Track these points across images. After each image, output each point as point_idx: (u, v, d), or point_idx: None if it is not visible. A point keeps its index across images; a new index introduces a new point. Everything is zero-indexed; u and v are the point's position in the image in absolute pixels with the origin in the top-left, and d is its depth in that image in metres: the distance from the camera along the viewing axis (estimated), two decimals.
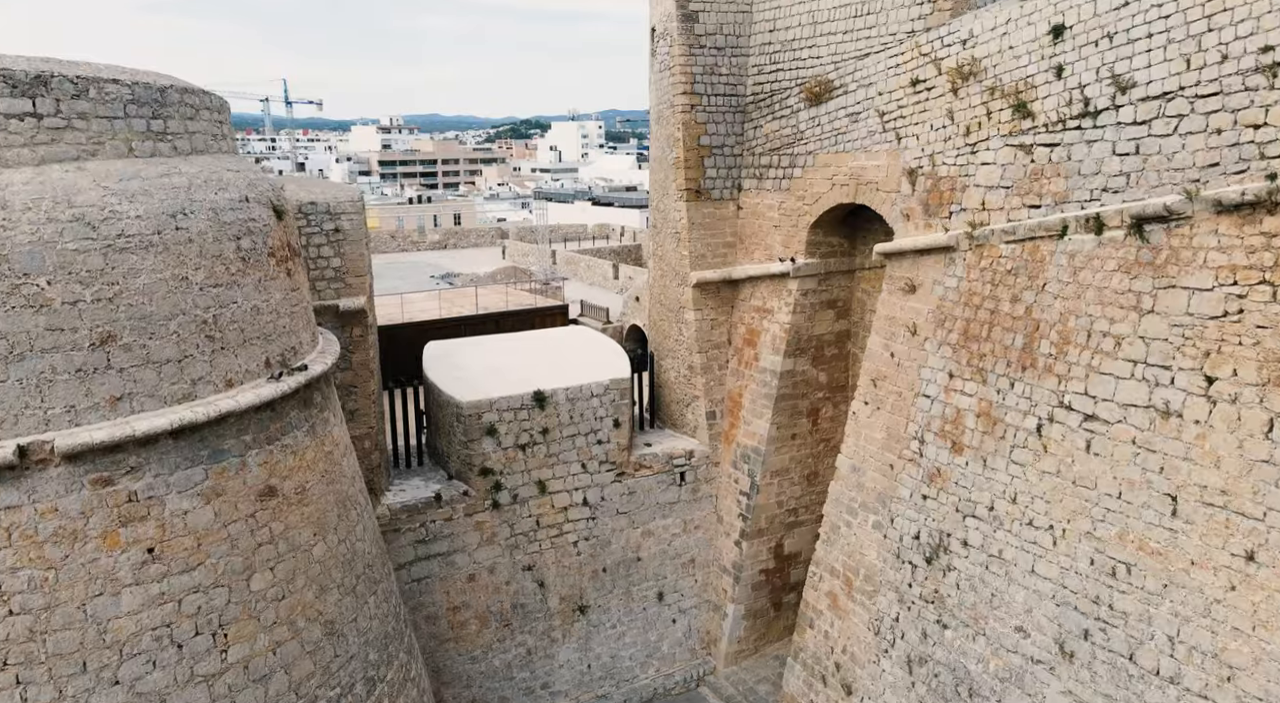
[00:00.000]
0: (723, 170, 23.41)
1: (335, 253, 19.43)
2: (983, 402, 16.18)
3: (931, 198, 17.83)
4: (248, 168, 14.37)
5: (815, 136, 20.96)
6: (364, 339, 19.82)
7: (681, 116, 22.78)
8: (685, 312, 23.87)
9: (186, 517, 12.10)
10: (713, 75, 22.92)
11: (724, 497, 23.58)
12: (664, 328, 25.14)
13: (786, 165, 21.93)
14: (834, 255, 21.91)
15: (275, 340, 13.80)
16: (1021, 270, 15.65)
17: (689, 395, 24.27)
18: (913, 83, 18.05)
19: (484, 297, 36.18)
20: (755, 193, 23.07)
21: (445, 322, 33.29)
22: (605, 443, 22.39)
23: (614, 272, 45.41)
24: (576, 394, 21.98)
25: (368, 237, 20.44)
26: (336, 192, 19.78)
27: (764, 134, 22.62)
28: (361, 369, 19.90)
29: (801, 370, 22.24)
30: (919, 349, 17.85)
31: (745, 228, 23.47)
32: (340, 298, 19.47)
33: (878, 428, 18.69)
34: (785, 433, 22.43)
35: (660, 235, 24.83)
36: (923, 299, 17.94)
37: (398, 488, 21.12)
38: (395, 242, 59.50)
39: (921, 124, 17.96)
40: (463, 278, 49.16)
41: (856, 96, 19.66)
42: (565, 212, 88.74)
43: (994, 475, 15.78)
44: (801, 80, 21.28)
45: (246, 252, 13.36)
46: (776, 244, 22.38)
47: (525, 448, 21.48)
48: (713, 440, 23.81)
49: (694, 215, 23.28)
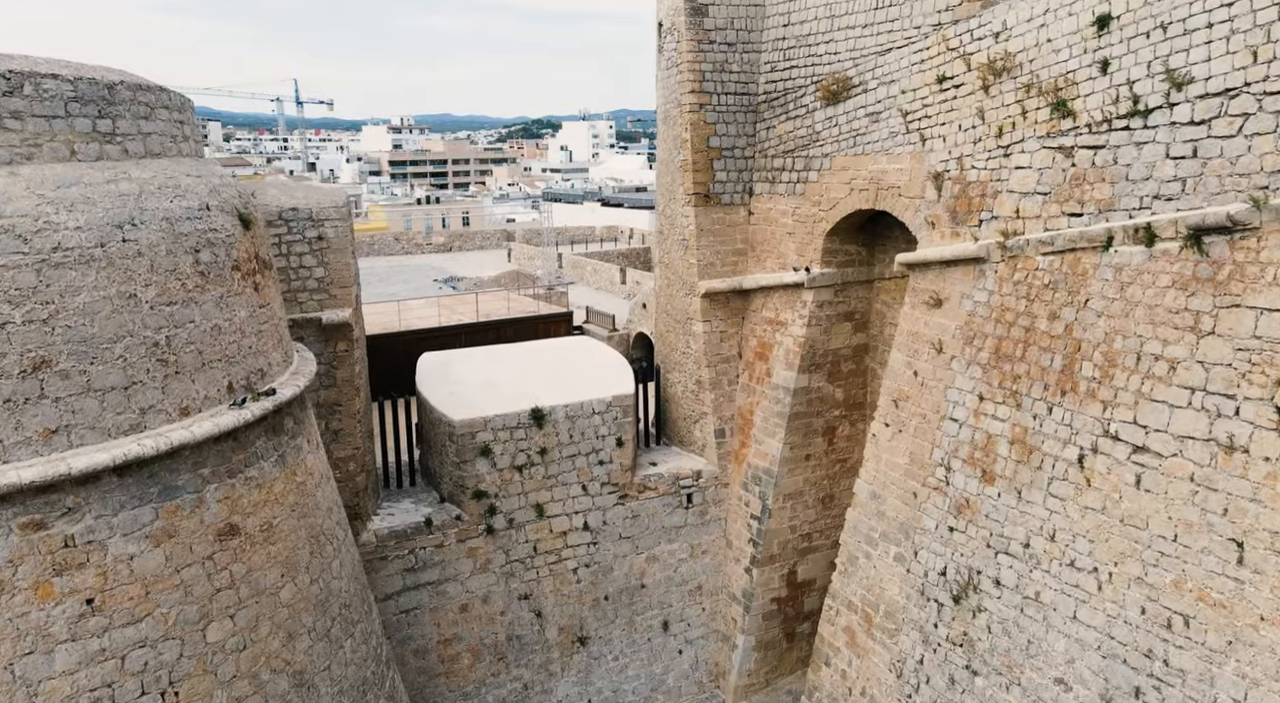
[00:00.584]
0: (733, 174, 22.07)
1: (318, 262, 18.20)
2: (1017, 428, 14.79)
3: (959, 204, 16.45)
4: (212, 172, 13.13)
5: (832, 138, 19.60)
6: (349, 354, 18.58)
7: (689, 117, 21.46)
8: (693, 323, 22.54)
9: (133, 562, 10.85)
10: (723, 73, 21.59)
11: (733, 520, 22.23)
12: (670, 340, 23.83)
13: (801, 168, 20.58)
14: (852, 265, 20.53)
15: (239, 362, 12.55)
16: (1061, 285, 14.26)
17: (697, 412, 22.94)
18: (939, 80, 16.68)
19: (485, 303, 34.93)
20: (768, 198, 21.72)
21: (444, 330, 32.05)
22: (607, 463, 21.08)
23: (621, 276, 44.13)
24: (577, 412, 20.68)
25: (353, 244, 19.20)
26: (320, 196, 18.55)
27: (777, 135, 21.28)
28: (346, 386, 18.65)
29: (816, 387, 20.87)
30: (945, 368, 16.47)
31: (757, 235, 22.13)
32: (323, 310, 18.24)
33: (900, 452, 17.31)
34: (799, 453, 21.07)
35: (667, 242, 23.52)
36: (949, 314, 16.56)
37: (386, 512, 19.86)
38: (400, 244, 58.38)
39: (949, 124, 16.58)
40: (467, 282, 47.95)
41: (877, 95, 18.29)
42: (574, 213, 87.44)
43: (1030, 509, 14.38)
44: (818, 78, 19.92)
45: (206, 265, 12.11)
46: (790, 252, 21.03)
47: (522, 469, 20.19)
48: (722, 460, 22.46)
49: (702, 221, 21.95)
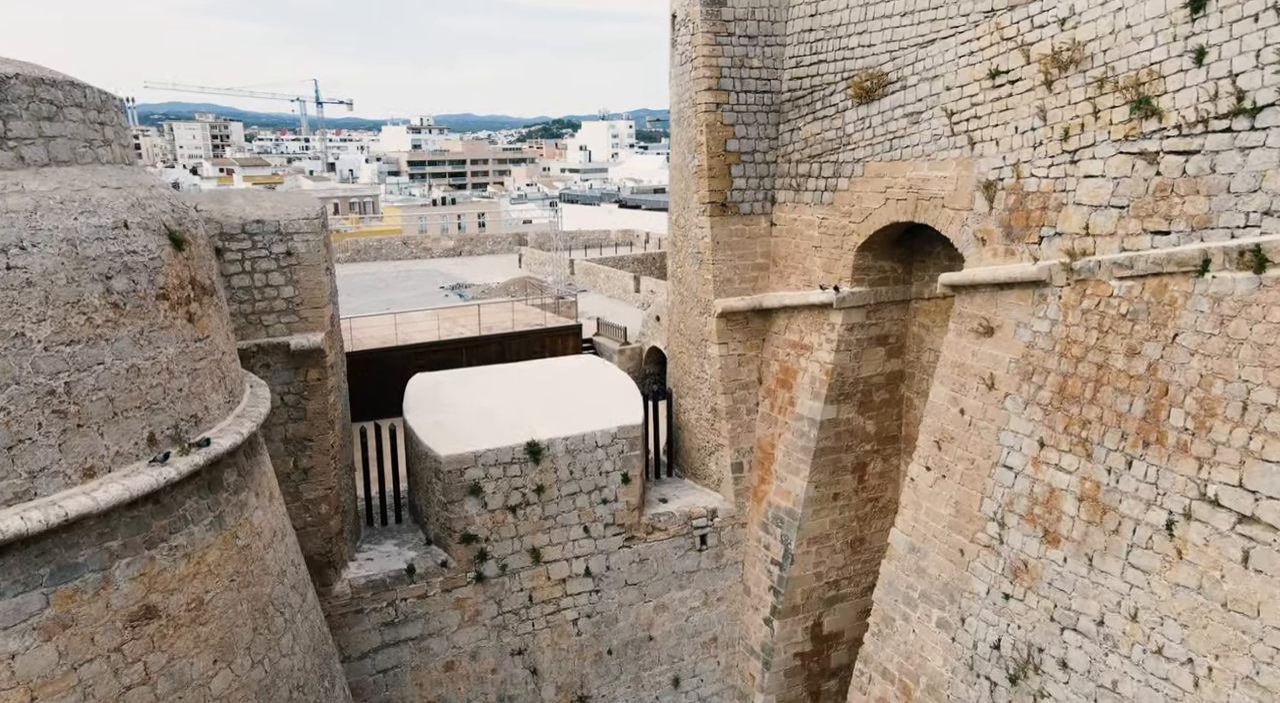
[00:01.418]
0: (753, 180, 19.93)
1: (287, 280, 16.25)
2: (1087, 482, 12.56)
3: (1015, 218, 14.23)
4: (138, 183, 11.16)
5: (865, 141, 17.42)
6: (321, 383, 16.61)
7: (705, 117, 19.35)
8: (708, 345, 20.41)
9: (14, 662, 8.87)
10: (742, 68, 19.45)
11: (752, 565, 20.08)
12: (684, 362, 21.71)
13: (830, 175, 18.41)
14: (886, 283, 18.34)
15: (165, 409, 10.57)
16: (1142, 315, 12.02)
17: (712, 443, 20.81)
18: (991, 75, 14.47)
19: (489, 314, 32.96)
20: (792, 207, 19.56)
21: (443, 345, 30.11)
22: (612, 502, 19.00)
23: (635, 284, 42.02)
24: (578, 445, 18.61)
25: (329, 259, 17.23)
26: (291, 206, 16.60)
27: (803, 138, 19.12)
28: (318, 419, 16.68)
29: (846, 419, 18.69)
30: (998, 407, 14.26)
31: (779, 248, 19.97)
32: (292, 334, 16.28)
33: (943, 501, 15.11)
34: (826, 492, 18.89)
35: (680, 254, 21.40)
36: (1003, 345, 14.34)
37: (364, 557, 17.87)
38: (408, 248, 56.58)
39: (1003, 126, 14.37)
40: (474, 289, 46.02)
41: (918, 92, 16.10)
42: (589, 215, 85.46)
43: (1104, 580, 12.15)
44: (849, 73, 17.75)
45: (122, 295, 10.13)
46: (816, 268, 18.87)
47: (516, 509, 18.15)
48: (739, 497, 20.32)
49: (719, 233, 19.83)
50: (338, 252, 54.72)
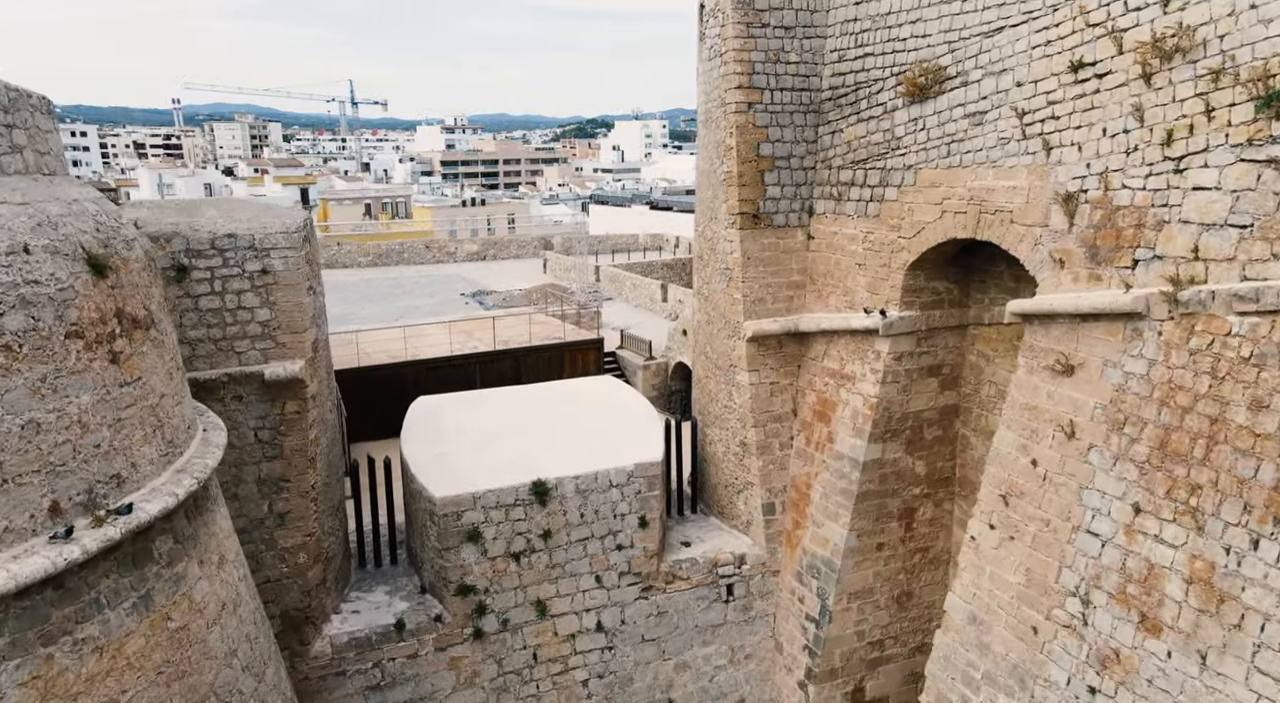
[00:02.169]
0: (789, 189, 17.82)
1: (262, 302, 14.47)
2: (1198, 561, 10.32)
3: (1102, 237, 12.00)
4: (53, 196, 9.36)
5: (918, 145, 15.25)
6: (301, 417, 14.80)
7: (735, 118, 17.28)
8: (737, 372, 18.33)
9: None
10: (778, 64, 17.36)
11: (785, 619, 17.96)
12: (710, 388, 19.64)
13: (876, 184, 16.25)
14: (939, 306, 16.14)
15: (75, 470, 8.75)
16: (1271, 360, 9.78)
17: (740, 480, 18.72)
18: (1073, 67, 12.26)
19: (506, 327, 31.10)
20: (832, 219, 17.42)
21: (455, 360, 28.31)
22: (627, 549, 17.00)
23: (662, 293, 39.97)
24: (590, 484, 16.63)
25: (313, 278, 15.41)
26: (269, 220, 14.81)
27: (845, 141, 16.97)
28: (297, 457, 14.87)
29: (892, 459, 16.51)
30: (1079, 461, 12.03)
31: (818, 264, 17.84)
32: (268, 362, 14.51)
33: (1012, 567, 12.90)
34: (869, 542, 16.73)
35: (707, 270, 19.34)
36: (1086, 387, 12.11)
37: (350, 609, 16.04)
38: (431, 252, 55.00)
39: (1087, 127, 12.15)
40: (496, 296, 44.29)
41: (981, 89, 13.91)
42: (619, 217, 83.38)
43: (1224, 685, 9.91)
44: (900, 68, 15.59)
45: (16, 335, 8.32)
46: (860, 288, 16.72)
47: (520, 557, 16.22)
48: (770, 542, 18.22)
49: (750, 247, 17.74)
50: (358, 255, 53.29)
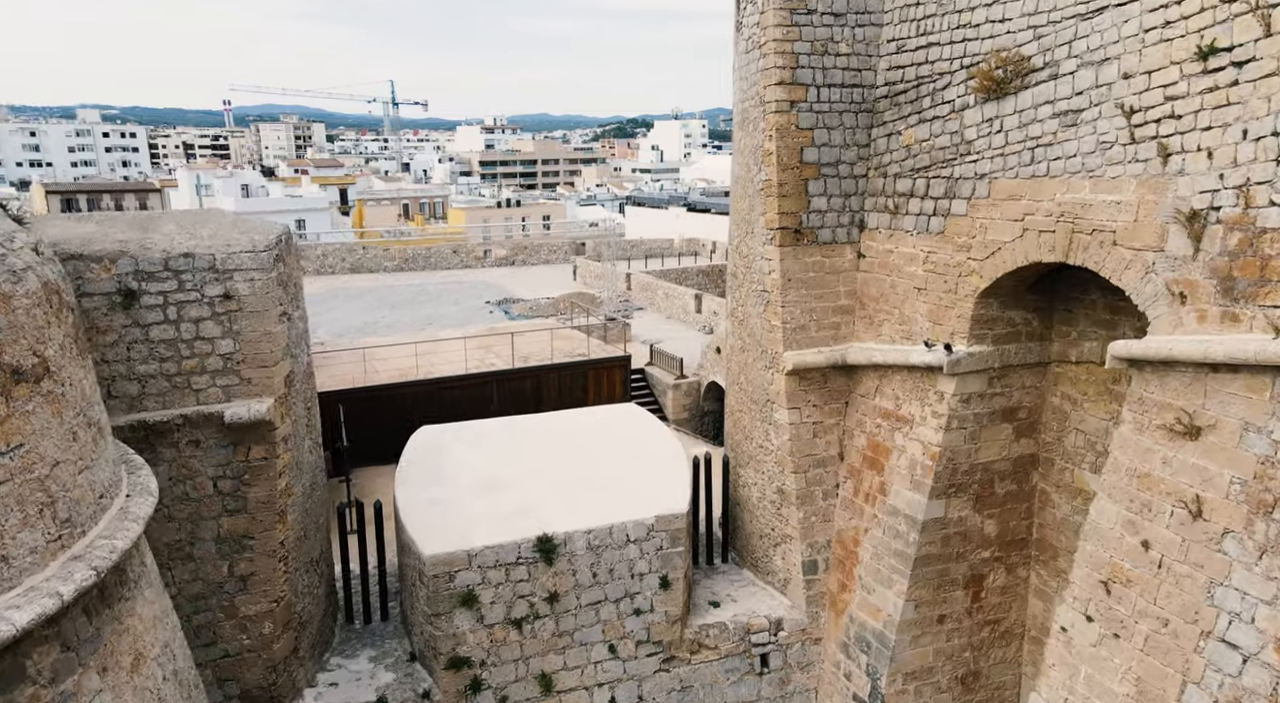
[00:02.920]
0: (836, 200, 15.49)
1: (224, 331, 12.52)
2: None
3: (1241, 267, 9.53)
4: None
5: (994, 150, 12.84)
6: (269, 464, 12.82)
7: (776, 119, 15.00)
8: (775, 408, 16.03)
9: None
10: (825, 56, 15.05)
11: (828, 696, 15.63)
12: (744, 424, 17.36)
13: (940, 195, 13.86)
14: (1016, 339, 13.70)
15: None
16: None
17: (778, 531, 16.43)
18: (1202, 54, 9.80)
19: (526, 343, 29.06)
20: (887, 235, 15.05)
21: (470, 379, 26.36)
22: (646, 613, 14.81)
23: (696, 304, 37.69)
24: (604, 539, 14.47)
25: (290, 302, 13.40)
26: (236, 236, 12.85)
27: (904, 146, 14.60)
28: (263, 511, 12.90)
29: (957, 518, 14.10)
30: (1210, 549, 9.58)
31: (869, 287, 15.49)
32: (230, 401, 12.55)
33: (1116, 672, 10.46)
34: (929, 613, 14.34)
35: (741, 291, 17.06)
36: (1218, 454, 9.65)
37: (327, 681, 14.04)
38: (458, 257, 53.28)
39: (1221, 129, 9.69)
40: (522, 304, 42.38)
41: (1076, 83, 11.48)
42: (655, 220, 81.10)
43: None
44: (972, 59, 13.19)
45: None
46: (919, 316, 14.34)
47: (522, 624, 14.11)
48: (811, 605, 15.90)
49: (791, 267, 15.44)
50: (384, 260, 51.70)
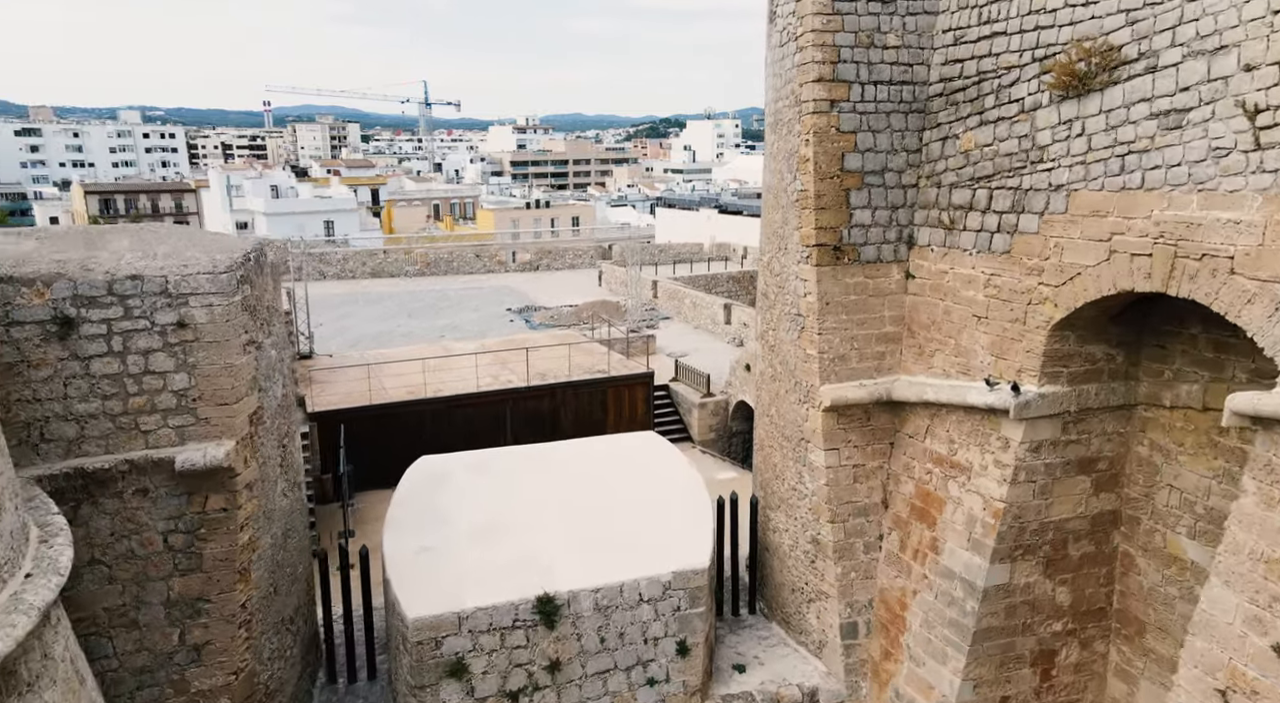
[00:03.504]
0: (882, 213, 13.59)
1: (178, 364, 10.95)
2: None
3: None
4: None
5: (1073, 157, 10.88)
6: (228, 517, 11.23)
7: (813, 121, 13.13)
8: (809, 448, 14.16)
9: None
10: (871, 48, 13.16)
11: None
12: (774, 461, 15.51)
13: (1006, 209, 11.92)
14: (1096, 379, 11.70)
15: None
16: None
17: (812, 586, 14.56)
18: None
19: (543, 357, 27.37)
20: (940, 254, 13.12)
21: (483, 397, 24.73)
22: (661, 683, 13.03)
23: (725, 314, 35.81)
24: (614, 599, 12.71)
25: (260, 327, 11.79)
26: (195, 254, 11.28)
27: (962, 151, 12.67)
28: (221, 570, 11.30)
29: (1024, 584, 12.14)
30: None
31: (919, 312, 13.56)
32: (184, 443, 10.98)
33: None
34: (990, 694, 12.37)
35: (773, 312, 15.21)
36: None
37: None
38: (481, 262, 51.81)
39: None
40: (544, 313, 40.76)
41: (1182, 76, 9.51)
42: (686, 222, 79.26)
43: None
44: (1048, 50, 11.24)
45: None
46: (979, 348, 12.40)
47: (518, 697, 12.39)
48: (851, 674, 14.01)
49: (830, 289, 13.57)
50: (406, 264, 50.36)
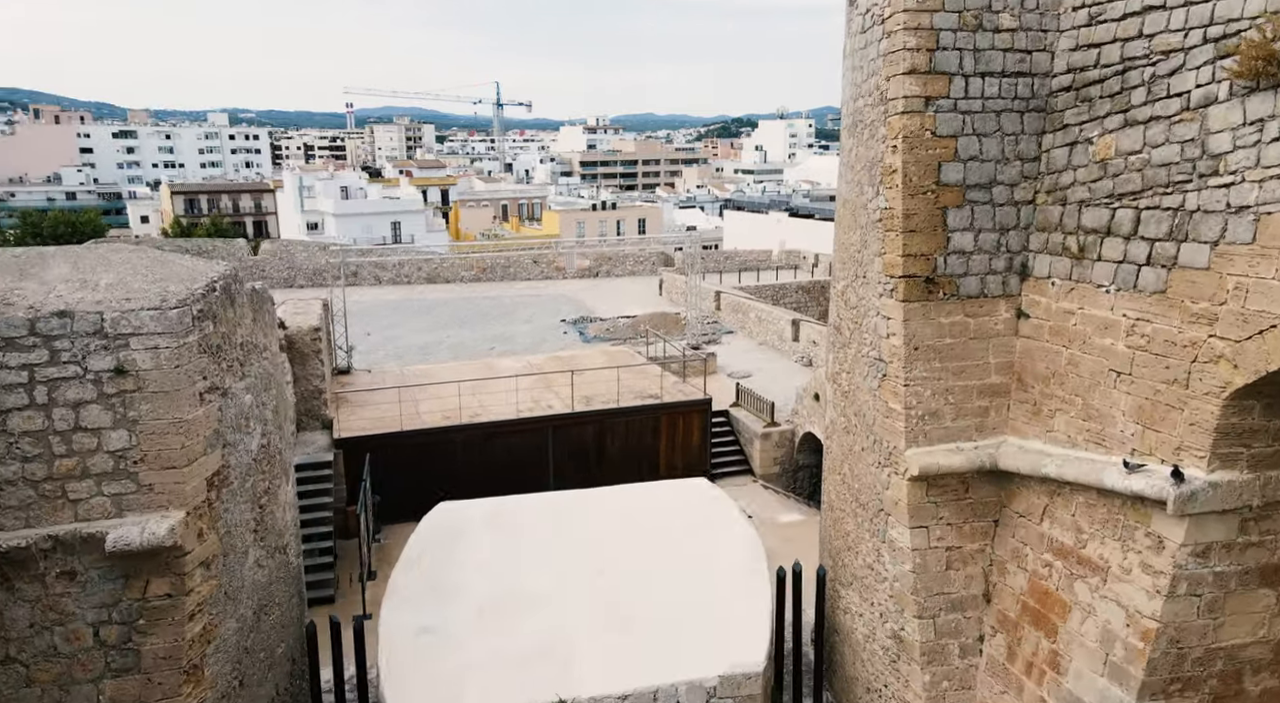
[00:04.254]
0: (989, 236, 10.91)
1: (115, 418, 9.01)
2: None
3: None
4: None
5: (1264, 170, 8.09)
6: (174, 607, 9.24)
7: (903, 122, 10.54)
8: (891, 523, 11.56)
9: None
10: (978, 32, 10.52)
11: None
12: (848, 530, 12.93)
13: (1160, 235, 9.15)
14: None
15: None
16: None
17: (893, 692, 11.93)
18: None
19: (591, 378, 25.12)
20: (1065, 289, 10.39)
21: (521, 424, 22.60)
22: None
23: (794, 331, 33.06)
24: None
25: (227, 371, 9.78)
26: (142, 286, 9.32)
27: (1098, 160, 9.92)
28: (164, 669, 9.31)
29: None
30: None
31: (1035, 360, 10.84)
32: (121, 516, 9.04)
33: None
34: None
35: (848, 351, 12.63)
36: None
37: None
38: (539, 267, 49.96)
39: None
40: (600, 324, 38.58)
41: None
42: (754, 225, 76.48)
43: None
44: (1226, 27, 8.46)
45: None
46: (1119, 412, 9.65)
47: None
48: None
49: (920, 330, 10.95)
50: (461, 270, 48.81)
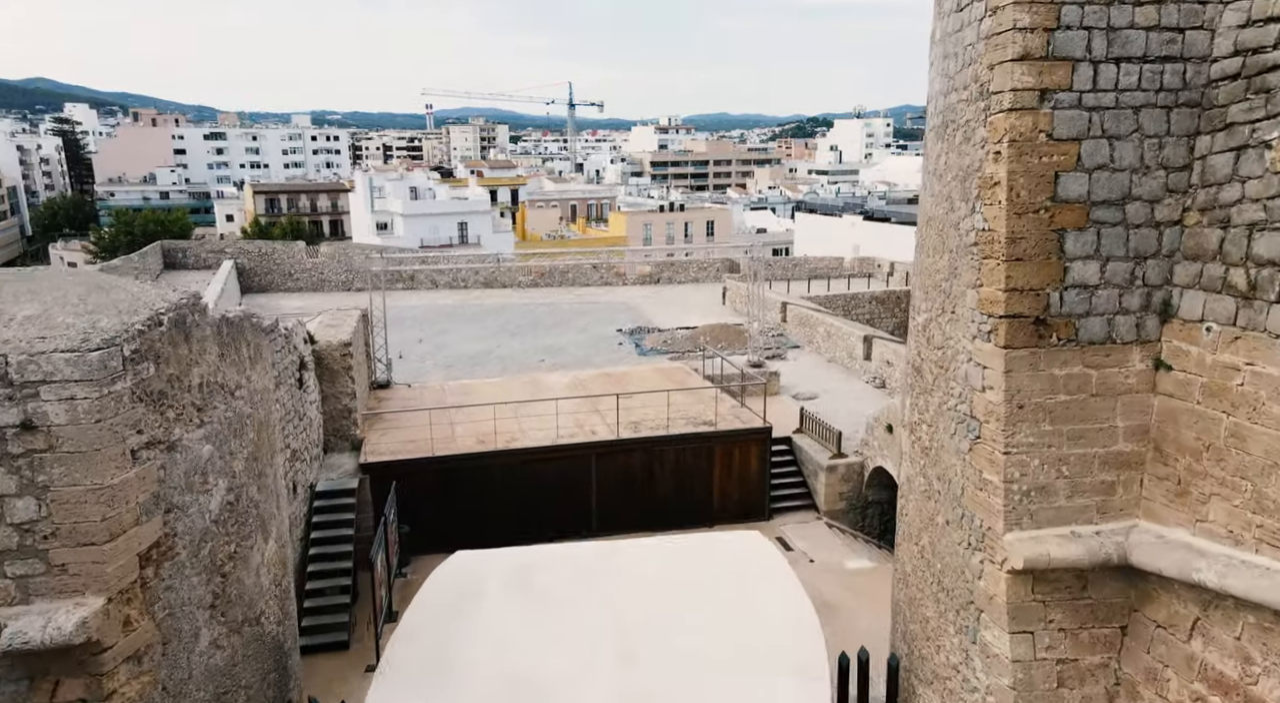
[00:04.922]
0: (1120, 265, 8.57)
1: (21, 484, 7.46)
2: None
3: None
4: None
5: None
6: None
7: (1008, 122, 8.28)
8: (985, 624, 9.29)
9: None
10: (1112, 6, 8.21)
11: None
12: (928, 617, 10.67)
13: None
14: None
15: None
16: None
17: None
18: None
19: (639, 400, 23.12)
20: (1226, 338, 7.99)
21: (562, 451, 20.77)
22: None
23: (865, 348, 30.54)
24: None
25: (175, 421, 8.12)
26: (66, 319, 7.72)
27: (1275, 169, 7.53)
28: None
29: None
30: None
31: (1181, 423, 8.45)
32: (28, 602, 7.45)
33: None
34: None
35: (930, 400, 10.37)
36: None
37: None
38: (598, 273, 48.29)
39: None
40: (657, 336, 36.63)
41: None
42: (827, 229, 73.54)
43: None
44: None
45: None
46: None
47: None
48: None
49: (1025, 383, 8.66)
50: (518, 275, 47.41)
